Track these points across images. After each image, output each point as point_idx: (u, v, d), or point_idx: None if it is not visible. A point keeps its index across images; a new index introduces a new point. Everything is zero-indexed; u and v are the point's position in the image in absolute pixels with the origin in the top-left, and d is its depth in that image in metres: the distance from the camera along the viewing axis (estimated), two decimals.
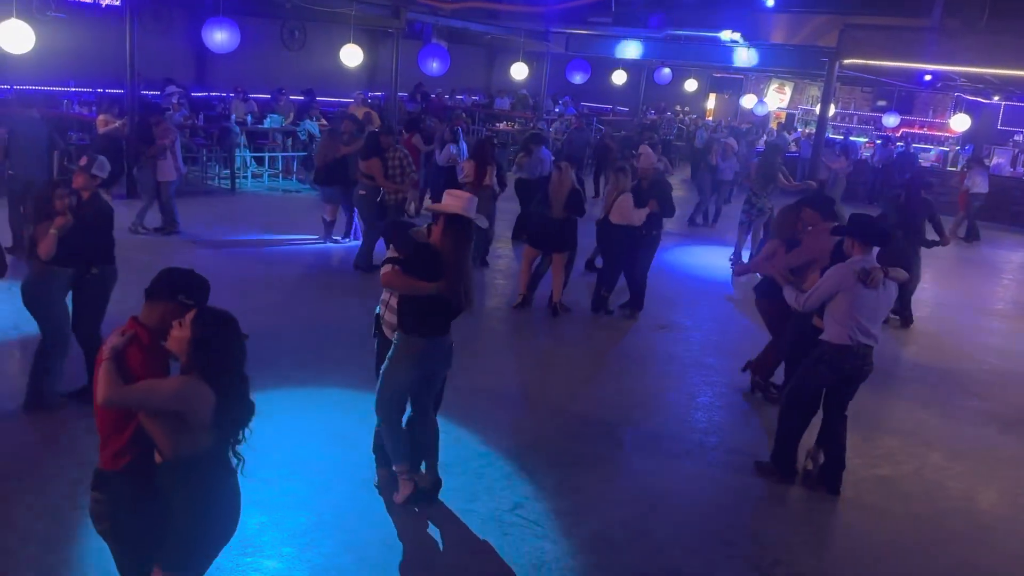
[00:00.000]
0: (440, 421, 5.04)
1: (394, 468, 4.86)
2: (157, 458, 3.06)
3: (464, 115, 18.31)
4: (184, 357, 3.04)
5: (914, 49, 13.24)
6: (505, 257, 11.16)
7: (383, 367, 4.69)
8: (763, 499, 5.37)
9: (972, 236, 16.04)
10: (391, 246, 4.64)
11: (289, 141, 16.18)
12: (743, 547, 4.81)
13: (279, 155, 15.89)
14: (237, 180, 14.56)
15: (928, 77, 17.50)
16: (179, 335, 3.03)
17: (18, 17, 9.69)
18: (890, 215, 9.01)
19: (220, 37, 11.88)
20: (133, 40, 12.26)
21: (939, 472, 6.00)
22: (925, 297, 9.64)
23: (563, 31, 19.85)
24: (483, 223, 4.74)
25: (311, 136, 15.45)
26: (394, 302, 4.68)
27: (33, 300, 5.56)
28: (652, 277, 9.21)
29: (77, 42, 15.11)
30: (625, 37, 19.72)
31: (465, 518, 4.80)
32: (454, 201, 4.53)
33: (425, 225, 4.74)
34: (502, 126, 20.48)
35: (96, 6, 15.79)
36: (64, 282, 5.55)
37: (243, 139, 15.28)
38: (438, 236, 4.51)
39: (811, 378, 5.38)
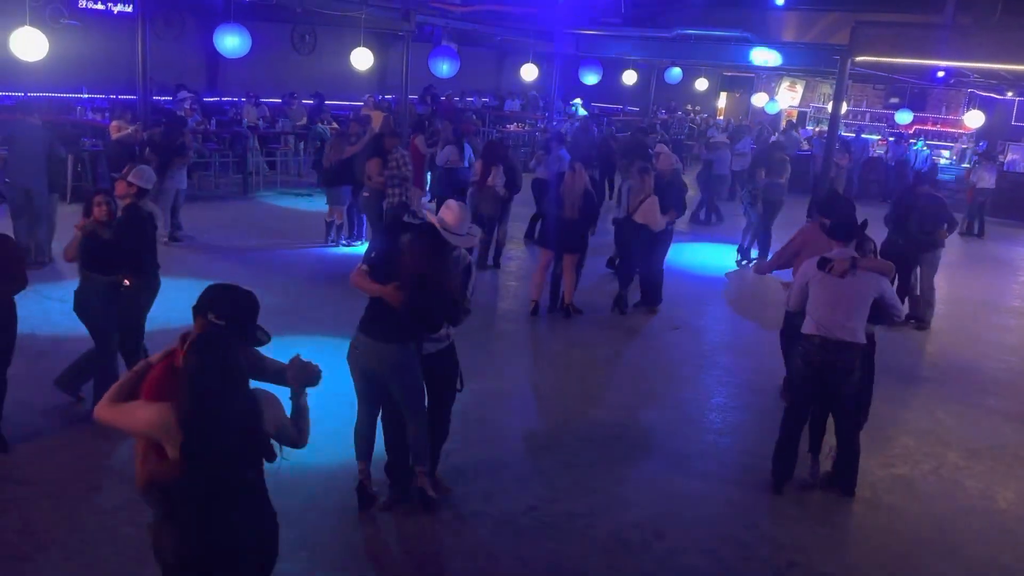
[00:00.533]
0: (453, 423, 5.05)
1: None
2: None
3: (475, 117, 18.32)
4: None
5: (926, 46, 13.14)
6: (517, 259, 11.16)
7: None
8: (779, 500, 5.33)
9: (978, 232, 16.08)
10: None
11: (302, 145, 16.23)
12: (758, 548, 4.78)
13: (291, 159, 15.95)
14: (249, 184, 14.62)
15: (941, 74, 17.38)
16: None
17: (31, 25, 9.75)
18: (900, 213, 8.96)
19: (231, 42, 11.93)
20: (145, 46, 12.30)
21: (957, 471, 5.95)
22: (939, 296, 9.55)
23: (572, 32, 19.82)
24: (469, 242, 4.65)
25: (322, 140, 15.49)
26: None
27: (78, 307, 5.63)
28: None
29: (90, 49, 15.22)
30: (635, 37, 19.68)
31: (479, 520, 4.80)
32: (443, 212, 4.53)
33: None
34: (512, 127, 20.47)
35: (108, 13, 15.93)
36: (104, 291, 5.54)
37: (255, 143, 15.33)
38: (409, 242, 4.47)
39: (792, 371, 5.47)
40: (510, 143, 19.00)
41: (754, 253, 11.53)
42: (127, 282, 5.58)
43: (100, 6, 15.81)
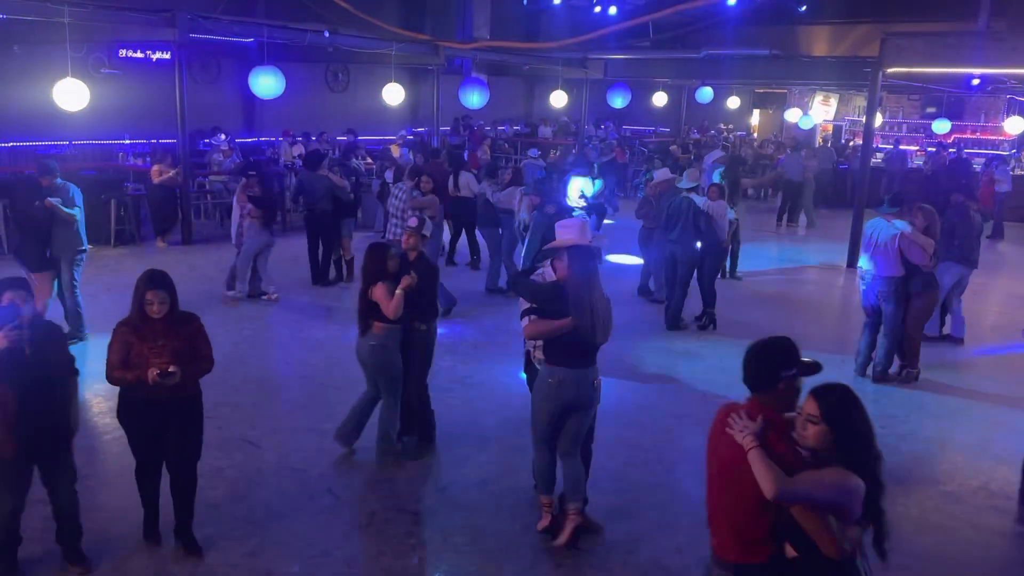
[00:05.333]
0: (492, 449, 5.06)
1: (540, 497, 4.94)
2: (790, 553, 2.88)
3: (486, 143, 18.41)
4: (823, 446, 2.82)
5: (961, 54, 12.98)
6: None
7: (532, 397, 4.82)
8: None
9: (996, 234, 16.09)
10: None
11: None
12: None
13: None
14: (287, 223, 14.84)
15: (976, 81, 17.15)
16: (816, 431, 2.82)
17: (73, 75, 10.09)
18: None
19: (266, 84, 12.21)
20: (183, 91, 12.64)
21: (1009, 486, 5.79)
22: (976, 307, 9.35)
23: (601, 56, 19.94)
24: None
25: (357, 176, 15.70)
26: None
27: (375, 358, 5.60)
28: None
29: (130, 96, 15.65)
30: (664, 59, 19.74)
31: (517, 550, 4.78)
32: (565, 233, 4.64)
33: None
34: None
35: (147, 61, 16.40)
36: (398, 339, 5.63)
37: (292, 180, 15.58)
38: (563, 271, 4.57)
39: None
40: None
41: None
42: (422, 327, 5.78)
43: (139, 54, 16.29)
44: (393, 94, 14.75)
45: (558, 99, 18.13)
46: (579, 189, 10.76)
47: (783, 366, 2.98)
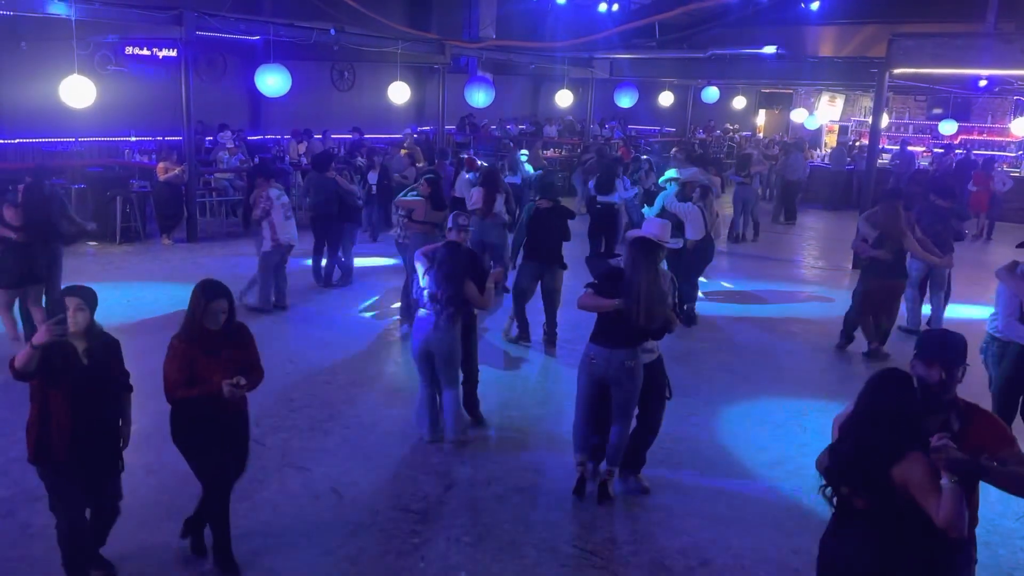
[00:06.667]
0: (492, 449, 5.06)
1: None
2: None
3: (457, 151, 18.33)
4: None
5: (968, 55, 12.94)
6: None
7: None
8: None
9: (987, 235, 16.38)
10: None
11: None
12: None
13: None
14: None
15: (983, 83, 17.11)
16: None
17: (80, 73, 10.11)
18: (922, 224, 8.74)
19: (272, 81, 12.22)
20: (189, 88, 12.65)
21: None
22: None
23: (607, 56, 19.93)
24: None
25: (362, 174, 15.70)
26: None
27: (447, 346, 5.87)
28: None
29: (136, 93, 15.67)
30: (669, 59, 19.73)
31: (521, 549, 4.77)
32: (644, 227, 5.22)
33: None
34: (549, 153, 20.56)
35: (153, 58, 16.42)
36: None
37: (298, 179, 15.59)
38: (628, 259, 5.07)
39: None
40: (552, 167, 19.13)
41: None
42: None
43: (145, 51, 16.30)
44: (399, 93, 14.76)
45: (564, 98, 18.12)
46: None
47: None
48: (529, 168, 14.25)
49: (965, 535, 2.89)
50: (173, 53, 15.84)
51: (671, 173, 9.55)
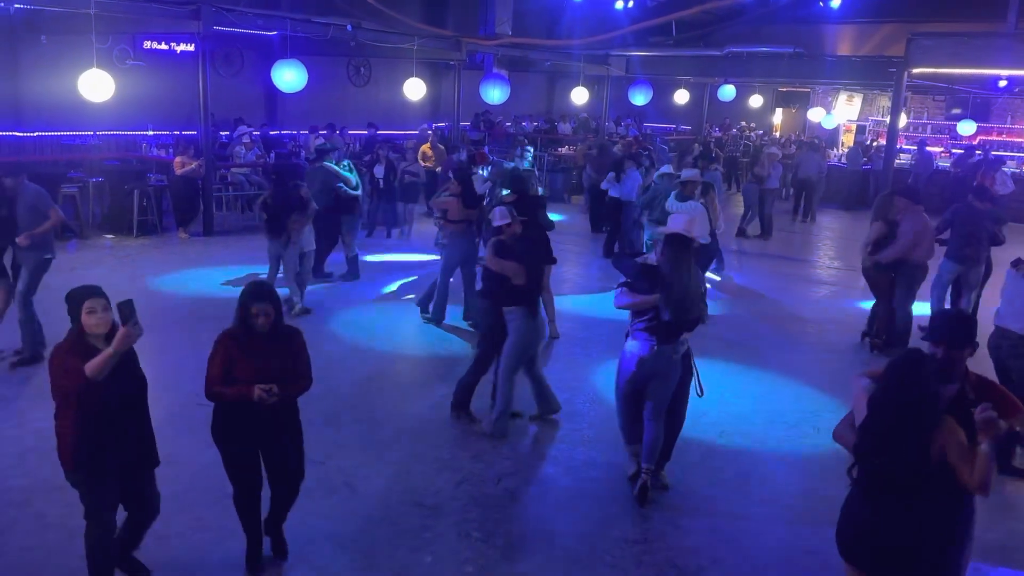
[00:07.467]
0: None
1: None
2: None
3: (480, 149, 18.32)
4: None
5: (988, 55, 12.84)
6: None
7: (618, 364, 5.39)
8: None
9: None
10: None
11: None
12: None
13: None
14: None
15: (1003, 83, 16.96)
16: None
17: (99, 67, 10.17)
18: (955, 224, 8.69)
19: (289, 77, 12.26)
20: (206, 83, 12.71)
21: None
22: None
23: (623, 54, 19.88)
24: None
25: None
26: None
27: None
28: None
29: (154, 87, 15.79)
30: (686, 57, 19.66)
31: (531, 546, 4.78)
32: (671, 223, 5.18)
33: None
34: (563, 150, 20.55)
35: (171, 53, 16.53)
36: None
37: None
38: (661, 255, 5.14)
39: None
40: (566, 165, 19.14)
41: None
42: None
43: (163, 46, 16.42)
44: (414, 89, 14.78)
45: (579, 96, 18.08)
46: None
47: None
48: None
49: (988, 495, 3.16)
50: (191, 48, 15.95)
51: (665, 170, 9.69)
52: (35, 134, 14.97)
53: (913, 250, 8.17)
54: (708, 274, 11.29)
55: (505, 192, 8.47)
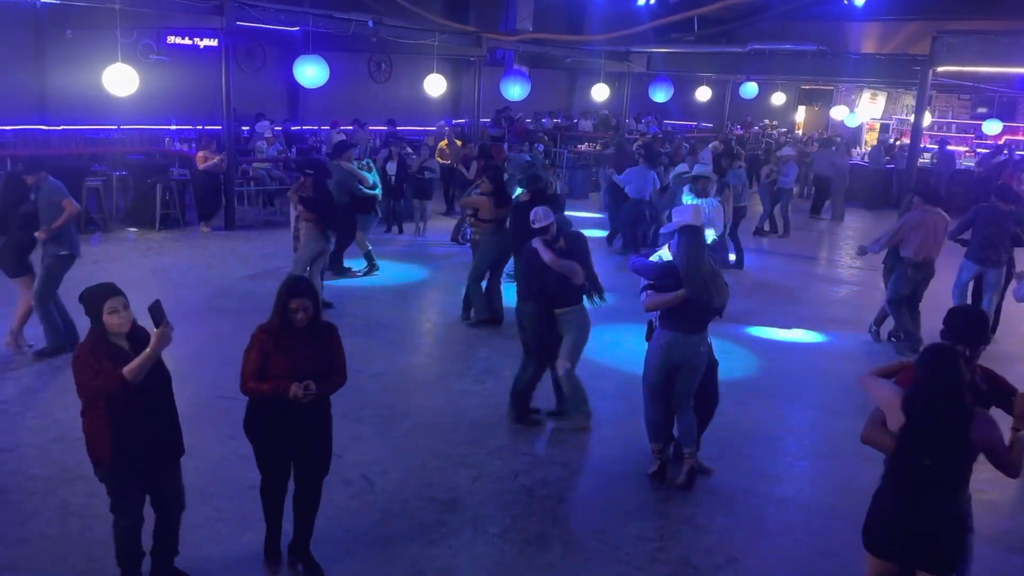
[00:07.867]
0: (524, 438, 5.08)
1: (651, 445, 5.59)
2: None
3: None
4: None
5: (1014, 53, 12.69)
6: None
7: (646, 357, 5.48)
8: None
9: None
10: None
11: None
12: None
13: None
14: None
15: None
16: None
17: (123, 61, 10.27)
18: (977, 225, 8.60)
19: (310, 72, 12.33)
20: (229, 78, 12.79)
21: None
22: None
23: (644, 50, 19.80)
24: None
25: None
26: None
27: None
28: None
29: (178, 82, 15.92)
30: (708, 53, 19.56)
31: (547, 542, 4.79)
32: (678, 216, 5.21)
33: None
34: (583, 147, 20.50)
35: (195, 48, 16.66)
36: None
37: None
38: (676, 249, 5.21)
39: None
40: (585, 161, 19.10)
41: None
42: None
43: (187, 41, 16.55)
44: (435, 85, 14.80)
45: (600, 92, 18.03)
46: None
47: None
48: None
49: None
50: (214, 43, 16.06)
51: (680, 169, 9.71)
52: (60, 128, 15.14)
53: (902, 244, 8.30)
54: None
55: (519, 191, 8.47)
